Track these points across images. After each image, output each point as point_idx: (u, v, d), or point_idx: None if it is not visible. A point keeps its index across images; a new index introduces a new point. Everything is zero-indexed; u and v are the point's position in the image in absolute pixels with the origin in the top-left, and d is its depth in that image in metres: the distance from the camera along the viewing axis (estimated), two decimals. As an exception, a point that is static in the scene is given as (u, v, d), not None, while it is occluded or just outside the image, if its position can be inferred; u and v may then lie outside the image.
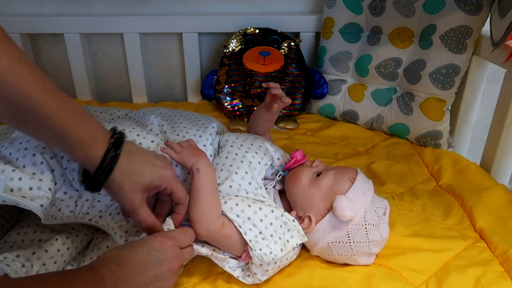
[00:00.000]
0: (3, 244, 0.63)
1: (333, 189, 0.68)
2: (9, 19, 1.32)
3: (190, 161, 0.64)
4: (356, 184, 0.68)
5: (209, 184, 0.64)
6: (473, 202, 0.85)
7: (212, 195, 0.64)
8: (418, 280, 0.67)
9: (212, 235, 0.63)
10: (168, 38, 1.41)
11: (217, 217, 0.63)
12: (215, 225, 0.63)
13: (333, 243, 0.67)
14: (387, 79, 1.18)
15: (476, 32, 1.02)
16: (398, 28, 1.16)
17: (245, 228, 0.63)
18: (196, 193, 0.63)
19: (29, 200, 0.58)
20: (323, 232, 0.67)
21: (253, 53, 1.25)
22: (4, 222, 0.70)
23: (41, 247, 0.61)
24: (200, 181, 0.63)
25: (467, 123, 1.15)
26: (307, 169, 0.72)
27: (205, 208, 0.63)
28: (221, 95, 1.28)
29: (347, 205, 0.64)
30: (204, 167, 0.64)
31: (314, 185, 0.69)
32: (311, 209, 0.68)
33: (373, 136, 1.19)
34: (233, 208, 0.64)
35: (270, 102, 0.79)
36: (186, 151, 0.66)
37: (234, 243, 0.64)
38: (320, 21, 1.30)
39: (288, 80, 1.27)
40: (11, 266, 0.56)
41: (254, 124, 0.86)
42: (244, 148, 0.73)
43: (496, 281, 0.66)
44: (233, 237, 0.64)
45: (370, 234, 0.66)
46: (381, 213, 0.68)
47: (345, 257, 0.68)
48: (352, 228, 0.66)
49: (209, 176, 0.65)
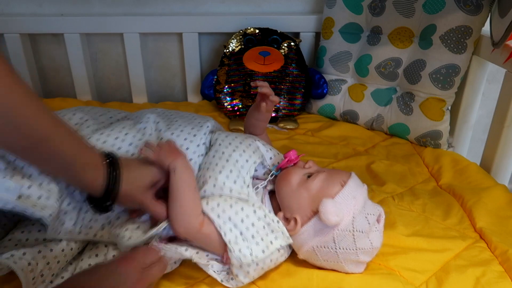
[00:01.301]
0: (7, 242, 0.63)
1: (321, 192, 0.66)
2: (9, 19, 1.32)
3: (167, 161, 0.64)
4: (346, 188, 0.66)
5: (186, 184, 0.64)
6: (473, 202, 0.85)
7: (189, 194, 0.64)
8: (418, 280, 0.67)
9: (190, 233, 0.63)
10: (168, 38, 1.41)
11: (195, 216, 0.63)
12: (193, 224, 0.63)
13: (318, 248, 0.65)
14: (387, 79, 1.18)
15: (476, 32, 1.02)
16: (398, 28, 1.16)
17: (225, 229, 0.63)
18: (173, 193, 0.64)
19: (39, 209, 0.58)
20: (308, 235, 0.65)
21: (253, 53, 1.25)
22: (6, 222, 0.70)
23: (46, 246, 0.62)
24: (176, 181, 0.64)
25: (467, 123, 1.15)
26: (299, 170, 0.71)
27: (183, 207, 0.63)
28: (221, 95, 1.28)
29: (332, 209, 0.62)
30: (180, 167, 0.64)
31: (303, 186, 0.68)
32: (298, 211, 0.67)
33: (373, 136, 1.19)
34: (214, 208, 0.64)
35: (259, 101, 0.79)
36: (163, 152, 0.65)
37: (215, 243, 0.64)
38: (320, 21, 1.30)
39: (288, 80, 1.27)
40: (18, 263, 0.57)
41: (249, 125, 0.86)
42: (232, 147, 0.73)
43: (496, 281, 0.66)
44: (212, 236, 0.63)
45: (358, 241, 0.64)
46: (373, 220, 0.66)
47: (331, 263, 0.66)
48: (338, 234, 0.63)
49: (185, 176, 0.65)
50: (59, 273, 0.65)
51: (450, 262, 0.70)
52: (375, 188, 0.91)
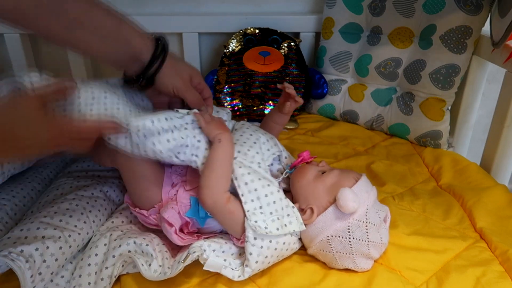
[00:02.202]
0: (7, 240, 0.63)
1: (337, 184, 0.68)
2: (9, 19, 1.32)
3: (215, 131, 0.68)
4: (360, 182, 0.69)
5: (226, 157, 0.67)
6: (473, 202, 0.85)
7: (226, 168, 0.67)
8: (418, 280, 0.67)
9: (217, 206, 0.65)
10: (168, 38, 1.40)
11: (224, 190, 0.66)
12: (221, 197, 0.65)
13: (333, 237, 0.66)
14: (387, 79, 1.18)
15: (476, 32, 1.02)
16: (398, 28, 1.16)
17: (247, 198, 0.65)
18: (211, 162, 0.66)
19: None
20: (324, 225, 0.67)
21: (253, 53, 1.25)
22: (8, 220, 0.71)
23: (44, 244, 0.62)
24: (219, 152, 0.67)
25: (467, 123, 1.15)
26: (314, 166, 0.74)
27: (217, 178, 0.66)
28: (221, 95, 1.28)
29: (350, 196, 0.64)
30: (226, 140, 0.68)
31: (319, 180, 0.70)
32: (314, 201, 0.69)
33: (373, 136, 1.19)
34: (244, 175, 0.67)
35: (283, 101, 0.83)
36: (214, 123, 0.70)
37: (236, 221, 0.65)
38: (320, 21, 1.30)
39: (288, 80, 1.27)
40: (15, 261, 0.57)
41: (266, 127, 0.88)
42: (258, 133, 0.76)
43: (496, 281, 0.66)
44: (236, 213, 0.65)
45: (371, 233, 0.66)
46: (382, 216, 0.69)
47: (343, 255, 0.67)
48: (353, 223, 0.65)
49: (228, 149, 0.68)
50: (59, 272, 0.65)
51: (450, 262, 0.70)
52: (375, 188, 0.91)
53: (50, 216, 0.68)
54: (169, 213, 0.67)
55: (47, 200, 0.74)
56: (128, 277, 0.66)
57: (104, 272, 0.64)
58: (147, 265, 0.63)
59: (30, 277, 0.59)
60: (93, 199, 0.75)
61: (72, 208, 0.71)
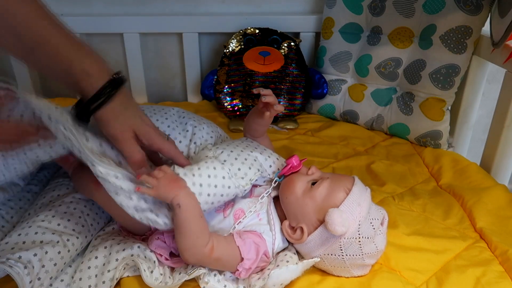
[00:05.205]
0: (4, 245, 0.63)
1: (326, 201, 0.65)
2: (9, 19, 1.32)
3: (169, 196, 0.60)
4: (351, 196, 0.65)
5: (193, 216, 0.62)
6: (473, 202, 0.85)
7: (197, 225, 0.62)
8: (418, 280, 0.67)
9: (203, 260, 0.63)
10: (168, 38, 1.41)
11: (204, 244, 0.62)
12: (203, 253, 0.62)
13: (326, 256, 0.65)
14: (387, 79, 1.19)
15: (476, 32, 1.02)
16: (398, 28, 1.16)
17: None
18: (180, 227, 0.61)
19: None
20: (314, 244, 0.66)
21: (253, 53, 1.25)
22: (5, 223, 0.70)
23: (42, 249, 0.61)
24: (183, 216, 0.61)
25: (467, 123, 1.15)
26: (302, 177, 0.69)
27: (192, 238, 0.62)
28: (221, 95, 1.28)
29: (338, 220, 0.62)
30: (184, 200, 0.61)
31: (308, 195, 0.67)
32: (304, 220, 0.66)
33: (373, 136, 1.19)
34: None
35: (262, 109, 0.74)
36: (163, 184, 0.61)
37: (226, 264, 0.65)
38: (320, 21, 1.30)
39: (288, 80, 1.27)
40: (14, 268, 0.56)
41: (248, 128, 0.82)
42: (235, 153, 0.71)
43: (496, 281, 0.66)
44: (223, 258, 0.64)
45: (364, 247, 0.64)
46: (377, 224, 0.66)
47: (338, 268, 0.66)
48: (345, 242, 0.64)
49: (190, 208, 0.62)
50: (58, 276, 0.64)
51: (450, 262, 0.70)
52: (375, 188, 0.91)
53: (48, 220, 0.67)
54: (155, 244, 0.67)
55: (44, 202, 0.73)
56: (129, 280, 0.66)
57: (106, 275, 0.64)
58: (149, 271, 0.63)
59: (29, 282, 0.58)
60: (90, 202, 0.74)
61: (70, 211, 0.70)
